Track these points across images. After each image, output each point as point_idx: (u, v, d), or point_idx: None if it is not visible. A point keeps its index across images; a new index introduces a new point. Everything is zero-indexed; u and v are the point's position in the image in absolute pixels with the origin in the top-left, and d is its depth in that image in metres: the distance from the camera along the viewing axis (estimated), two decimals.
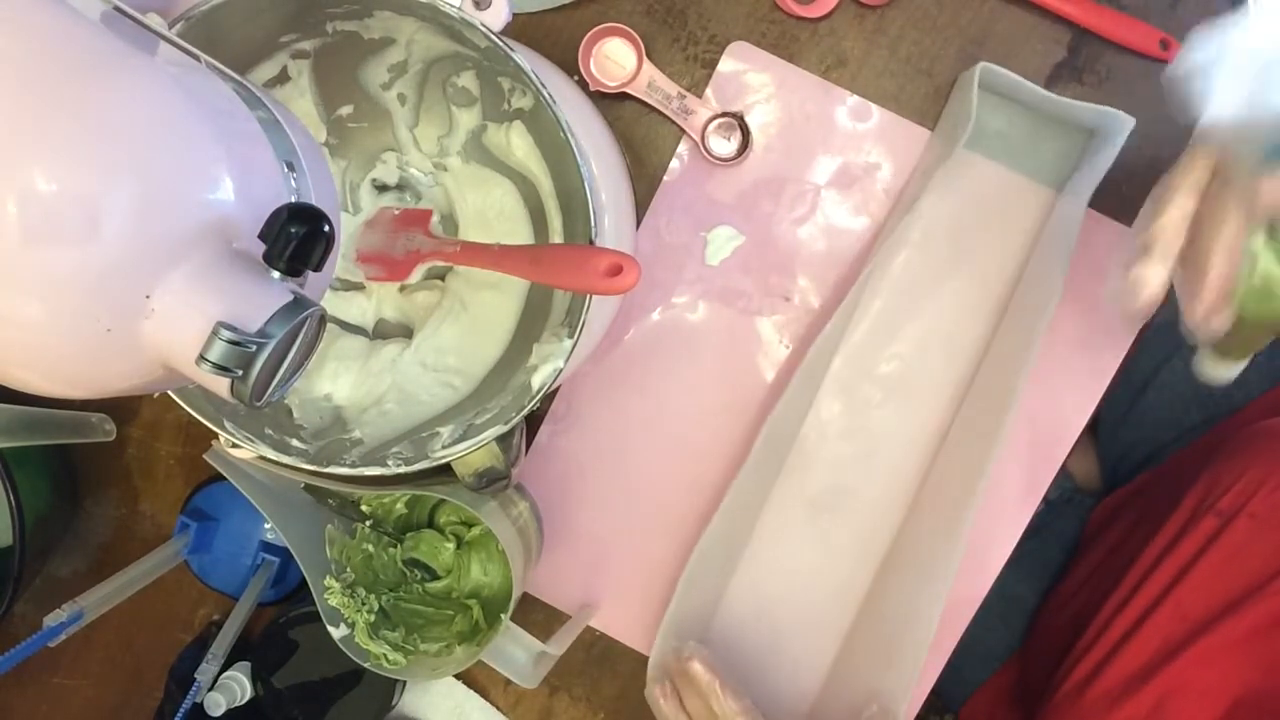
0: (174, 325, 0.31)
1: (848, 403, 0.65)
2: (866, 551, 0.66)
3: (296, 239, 0.31)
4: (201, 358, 0.31)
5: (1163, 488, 0.72)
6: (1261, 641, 0.57)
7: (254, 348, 0.31)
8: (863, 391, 0.64)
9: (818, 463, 0.65)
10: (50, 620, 0.54)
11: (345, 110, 0.60)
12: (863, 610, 0.66)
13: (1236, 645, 0.58)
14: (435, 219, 0.60)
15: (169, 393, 0.50)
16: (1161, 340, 0.71)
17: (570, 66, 0.62)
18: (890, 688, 0.59)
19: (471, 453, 0.52)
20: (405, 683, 0.68)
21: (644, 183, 0.65)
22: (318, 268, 0.32)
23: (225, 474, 0.57)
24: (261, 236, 0.32)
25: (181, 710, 0.59)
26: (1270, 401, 0.71)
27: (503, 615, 0.58)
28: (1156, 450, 0.78)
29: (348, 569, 0.62)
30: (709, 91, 0.63)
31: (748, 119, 0.63)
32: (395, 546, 0.66)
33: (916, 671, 0.58)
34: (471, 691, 0.70)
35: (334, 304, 0.63)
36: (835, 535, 0.66)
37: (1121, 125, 0.56)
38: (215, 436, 0.54)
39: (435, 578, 0.65)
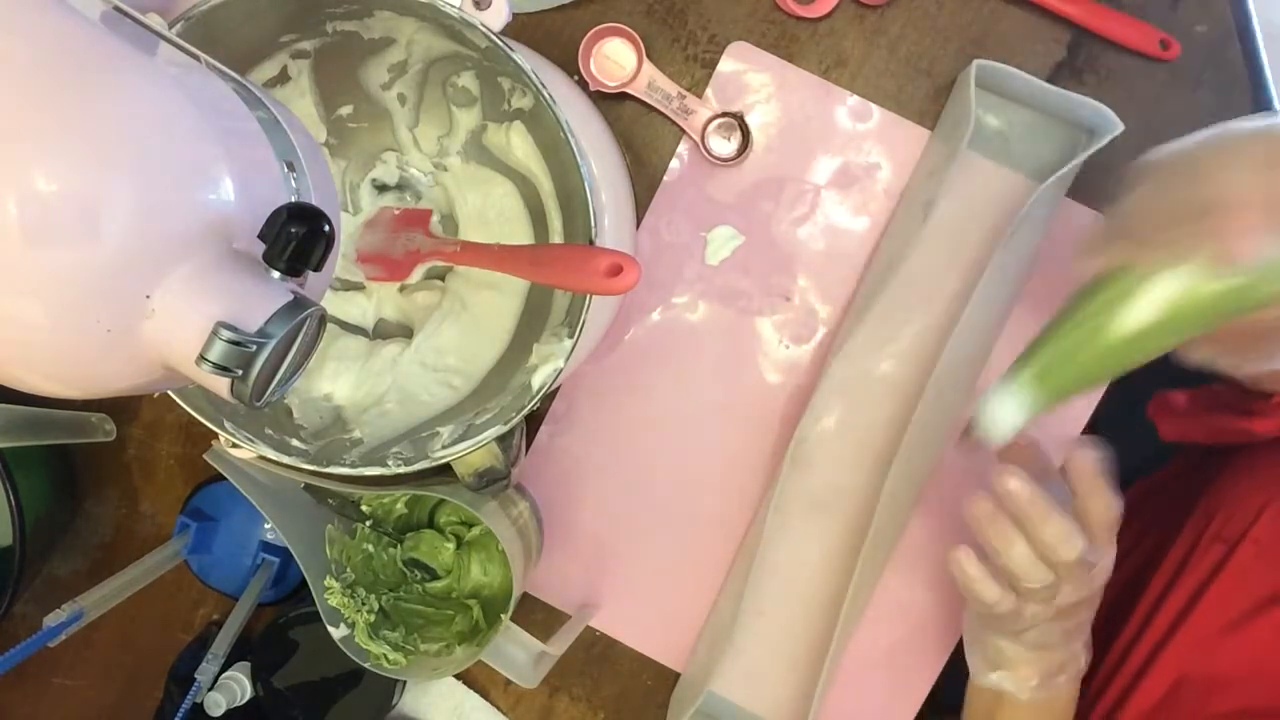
0: (174, 325, 0.31)
1: (847, 401, 0.65)
2: (864, 551, 0.65)
3: (296, 239, 0.31)
4: (201, 358, 0.31)
5: (1160, 502, 0.72)
6: (1269, 658, 0.58)
7: (254, 348, 0.31)
8: (861, 390, 0.64)
9: (817, 462, 0.65)
10: (50, 620, 0.54)
11: (345, 110, 0.60)
12: (863, 610, 0.66)
13: (1246, 664, 0.58)
14: (435, 219, 0.60)
15: (169, 393, 0.51)
16: None
17: (570, 66, 0.62)
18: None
19: (471, 453, 0.52)
20: (405, 683, 0.68)
21: (644, 183, 0.65)
22: (318, 268, 0.32)
23: (225, 474, 0.57)
24: (261, 236, 0.32)
25: (181, 710, 0.59)
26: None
27: (503, 615, 0.58)
28: (1153, 453, 0.78)
29: (348, 569, 0.62)
30: (709, 91, 0.63)
31: (748, 119, 0.63)
32: (395, 546, 0.66)
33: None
34: (471, 691, 0.70)
35: (334, 304, 0.63)
36: (834, 534, 0.66)
37: (1110, 125, 0.56)
38: (215, 436, 0.54)
39: (435, 578, 0.65)
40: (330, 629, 0.58)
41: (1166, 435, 0.67)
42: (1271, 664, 0.57)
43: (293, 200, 0.35)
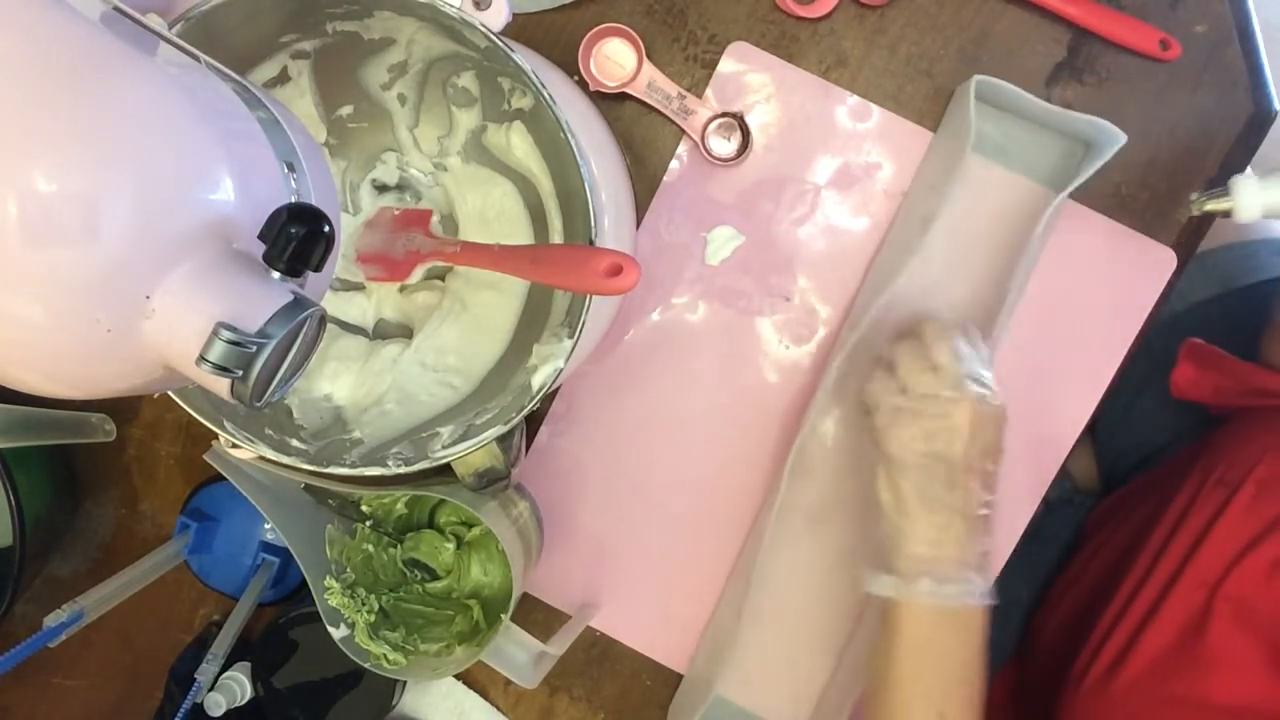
0: (174, 326, 0.31)
1: (846, 408, 0.65)
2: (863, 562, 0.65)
3: (296, 239, 0.31)
4: (201, 358, 0.31)
5: (1162, 483, 0.72)
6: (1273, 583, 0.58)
7: (254, 348, 0.31)
8: (860, 396, 0.64)
9: (816, 472, 0.65)
10: (50, 620, 0.54)
11: (345, 110, 0.60)
12: (862, 621, 0.66)
13: (1256, 593, 0.58)
14: (435, 219, 0.60)
15: (169, 393, 0.50)
16: (1159, 341, 0.71)
17: (570, 66, 0.62)
18: None
19: (471, 453, 0.52)
20: (405, 683, 0.68)
21: (644, 183, 0.65)
22: (318, 268, 0.32)
23: (225, 474, 0.57)
24: (261, 236, 0.32)
25: (181, 710, 0.59)
26: None
27: (503, 615, 0.58)
28: (1153, 452, 0.78)
29: (348, 569, 0.62)
30: (709, 91, 0.63)
31: (748, 119, 0.62)
32: (395, 546, 0.66)
33: None
34: (471, 691, 0.70)
35: (334, 304, 0.63)
36: (833, 545, 0.65)
37: (1112, 138, 0.56)
38: (215, 436, 0.54)
39: (435, 578, 0.65)
40: (330, 629, 0.58)
41: (1178, 384, 0.69)
42: (1268, 595, 0.57)
43: (293, 200, 0.35)
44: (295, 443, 0.55)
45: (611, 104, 0.64)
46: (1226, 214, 0.54)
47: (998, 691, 0.79)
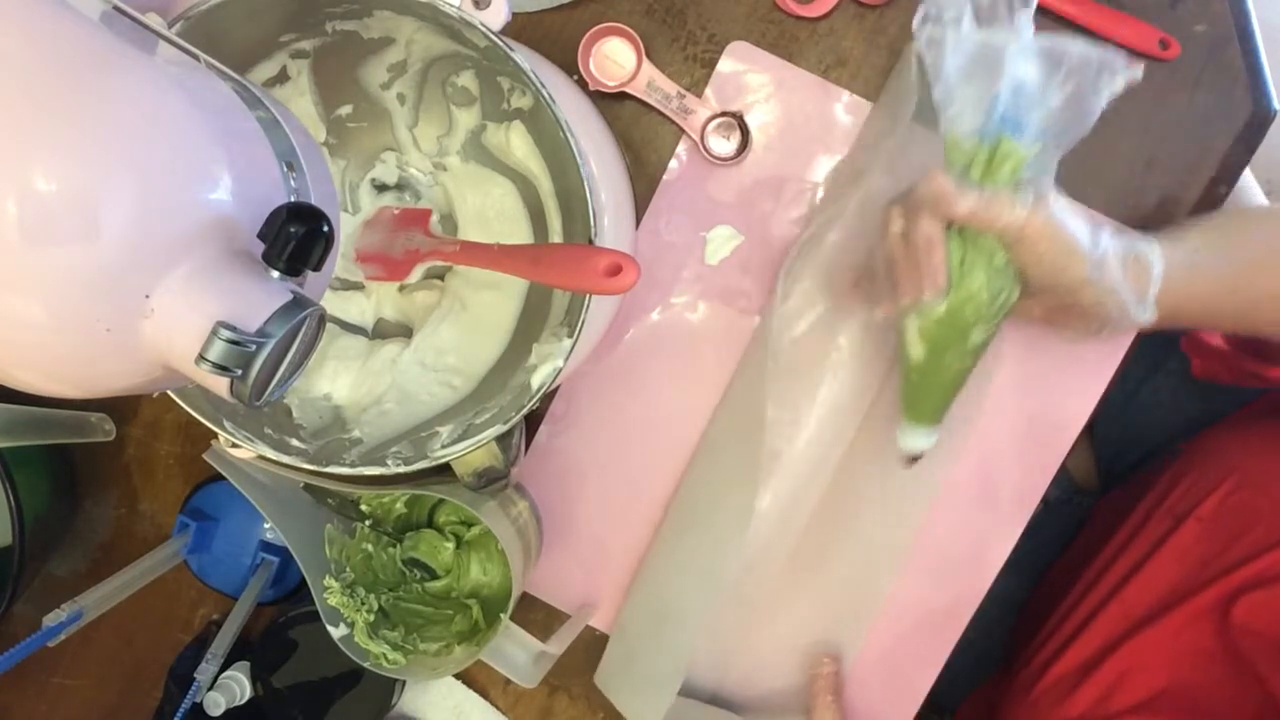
0: (174, 325, 0.31)
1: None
2: (791, 514, 0.65)
3: (296, 239, 0.31)
4: (201, 357, 0.31)
5: (1137, 493, 0.73)
6: (1189, 636, 0.59)
7: (253, 347, 0.31)
8: (789, 358, 0.64)
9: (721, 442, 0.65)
10: (50, 620, 0.54)
11: (345, 110, 0.60)
12: (791, 573, 0.66)
13: (1169, 640, 0.59)
14: (435, 219, 0.60)
15: (169, 393, 0.51)
16: (1156, 342, 0.71)
17: (570, 66, 0.62)
18: (838, 640, 0.64)
19: (471, 452, 0.52)
20: (405, 682, 0.68)
21: (644, 183, 0.65)
22: (317, 267, 0.32)
23: (225, 474, 0.57)
24: (261, 236, 0.32)
25: (181, 710, 0.59)
26: (1259, 408, 0.71)
27: (502, 615, 0.58)
28: (1151, 450, 0.78)
29: (347, 569, 0.62)
30: (708, 91, 0.63)
31: (747, 118, 0.62)
32: (395, 546, 0.66)
33: (864, 628, 0.62)
34: (471, 691, 0.70)
35: (334, 304, 0.63)
36: (759, 498, 0.65)
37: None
38: (215, 436, 0.54)
39: (435, 577, 0.65)
40: (330, 629, 0.58)
41: (1197, 371, 0.69)
42: (1192, 643, 0.59)
43: (292, 200, 0.35)
44: (295, 442, 0.55)
45: (611, 103, 0.64)
46: None
47: (994, 691, 0.79)
